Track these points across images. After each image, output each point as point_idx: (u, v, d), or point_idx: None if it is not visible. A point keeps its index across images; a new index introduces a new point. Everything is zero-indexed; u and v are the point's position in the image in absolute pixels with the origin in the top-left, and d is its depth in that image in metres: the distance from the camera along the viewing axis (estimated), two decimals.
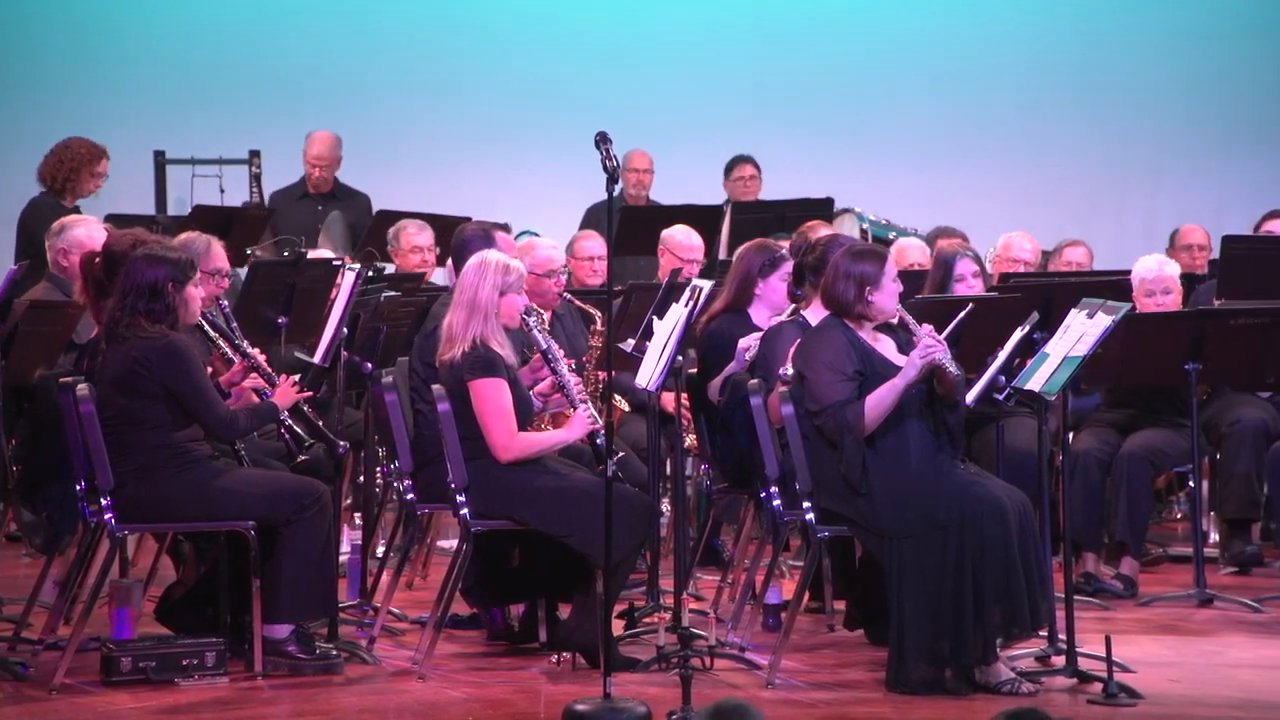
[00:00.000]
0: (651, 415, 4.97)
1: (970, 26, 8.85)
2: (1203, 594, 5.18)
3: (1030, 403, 4.91)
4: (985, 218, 7.61)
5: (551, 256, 5.35)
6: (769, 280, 4.90)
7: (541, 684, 4.32)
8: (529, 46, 8.99)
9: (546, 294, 5.34)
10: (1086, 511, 5.40)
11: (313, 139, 7.72)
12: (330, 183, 7.72)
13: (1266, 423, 5.63)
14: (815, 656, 4.56)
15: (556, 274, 5.32)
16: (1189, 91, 8.67)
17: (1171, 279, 5.54)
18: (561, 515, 4.35)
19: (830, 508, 4.27)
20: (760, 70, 8.93)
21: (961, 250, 5.50)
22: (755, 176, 7.97)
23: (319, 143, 7.70)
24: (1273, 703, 4.04)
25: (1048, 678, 4.19)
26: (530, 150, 8.78)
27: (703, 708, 2.74)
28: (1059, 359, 4.20)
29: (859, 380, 4.22)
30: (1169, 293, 5.51)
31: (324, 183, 7.70)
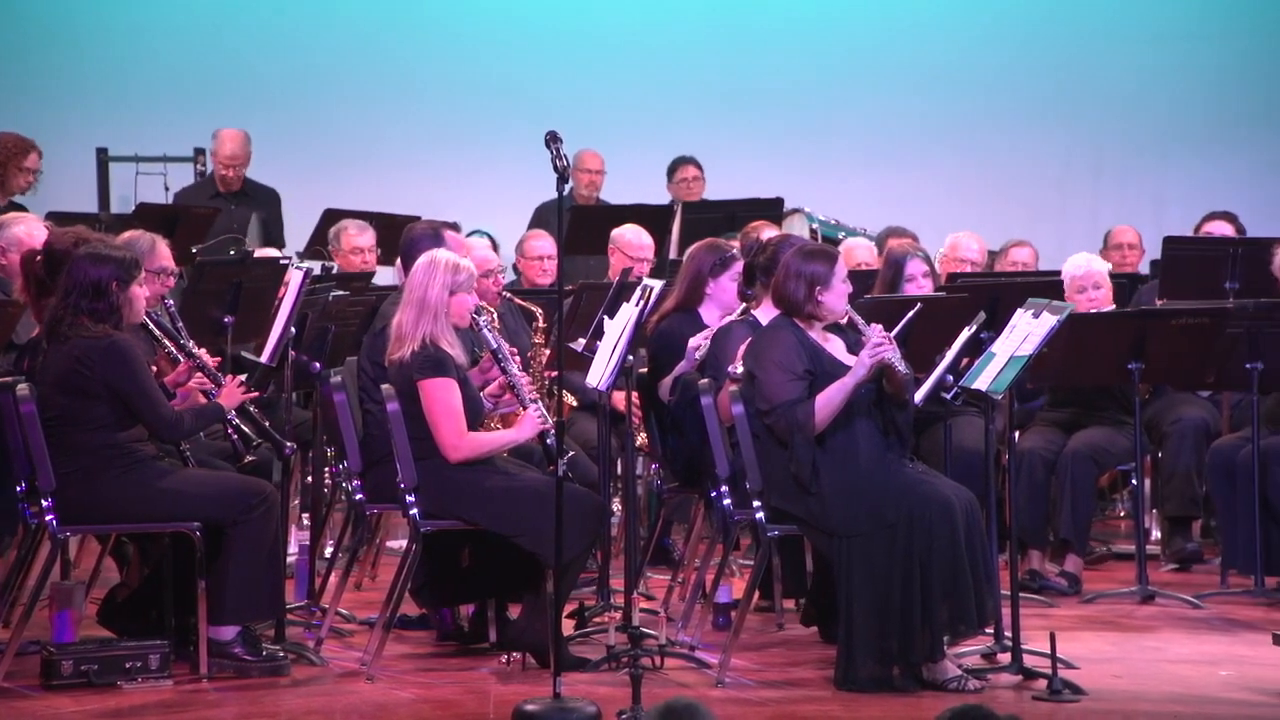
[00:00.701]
0: (602, 414, 4.97)
1: (917, 31, 8.93)
2: (1145, 591, 5.25)
3: (977, 402, 4.96)
4: (932, 218, 7.68)
5: (488, 256, 5.35)
6: (719, 280, 4.91)
7: (491, 684, 4.30)
8: (479, 45, 8.95)
9: (485, 293, 5.34)
10: (1032, 509, 5.46)
11: (223, 139, 7.45)
12: (240, 181, 7.52)
13: (1207, 421, 5.72)
14: (765, 655, 4.58)
15: (494, 273, 5.32)
16: (1130, 96, 8.79)
17: (1100, 274, 5.62)
18: (512, 515, 4.34)
19: (780, 507, 4.29)
20: (712, 71, 8.95)
21: (912, 250, 5.55)
22: (699, 178, 7.99)
23: (231, 142, 7.43)
24: (1211, 697, 4.11)
25: (993, 675, 4.23)
26: (480, 149, 8.74)
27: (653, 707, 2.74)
28: (1005, 358, 4.25)
29: (809, 379, 4.24)
30: (1099, 288, 5.59)
31: (235, 181, 7.48)
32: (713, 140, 8.38)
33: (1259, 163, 8.59)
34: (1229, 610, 5.15)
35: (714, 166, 8.09)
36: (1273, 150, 8.64)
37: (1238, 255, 6.14)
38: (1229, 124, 8.71)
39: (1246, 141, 8.67)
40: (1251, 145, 8.65)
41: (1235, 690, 4.17)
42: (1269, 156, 8.62)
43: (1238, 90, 8.69)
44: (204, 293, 5.21)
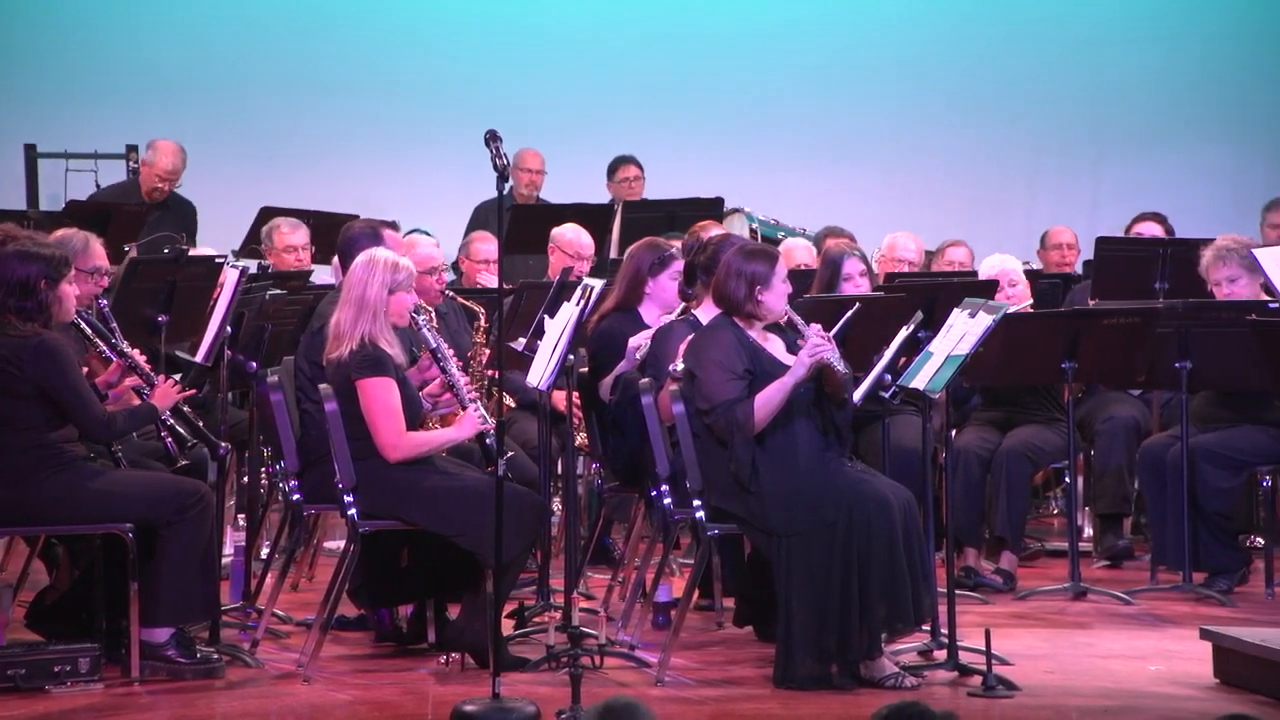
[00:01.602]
0: (542, 414, 4.96)
1: (857, 33, 8.99)
2: (1077, 587, 5.33)
3: (915, 401, 5.01)
4: (870, 218, 7.75)
5: (432, 254, 5.32)
6: (659, 279, 4.92)
7: (429, 685, 4.28)
8: (419, 43, 8.90)
9: (428, 291, 5.31)
10: (968, 507, 5.52)
11: (162, 152, 7.21)
12: (167, 194, 7.31)
13: (1137, 420, 5.81)
14: (704, 654, 4.59)
15: (438, 271, 5.29)
16: (1065, 98, 8.92)
17: (1015, 271, 5.72)
18: (451, 515, 4.32)
19: (720, 506, 4.30)
20: (652, 71, 8.96)
21: (849, 250, 5.59)
22: (639, 177, 8.00)
23: (171, 157, 7.19)
24: (1140, 691, 4.17)
25: (930, 671, 4.26)
26: (419, 148, 8.69)
27: (592, 706, 2.74)
28: (942, 358, 4.29)
29: (748, 379, 4.26)
30: (1015, 284, 5.68)
31: (163, 194, 7.25)
32: (653, 140, 8.39)
33: (1189, 166, 8.75)
34: (1158, 606, 5.24)
35: (654, 166, 8.10)
36: (1202, 154, 8.81)
37: (1167, 256, 6.24)
38: (1161, 128, 8.86)
39: (1177, 145, 8.83)
40: (1182, 149, 8.81)
41: (1163, 684, 4.24)
42: (1198, 160, 8.78)
43: (1169, 96, 8.85)
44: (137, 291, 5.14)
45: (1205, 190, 8.55)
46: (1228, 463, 5.34)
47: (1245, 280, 5.47)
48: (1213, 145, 8.80)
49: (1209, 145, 8.80)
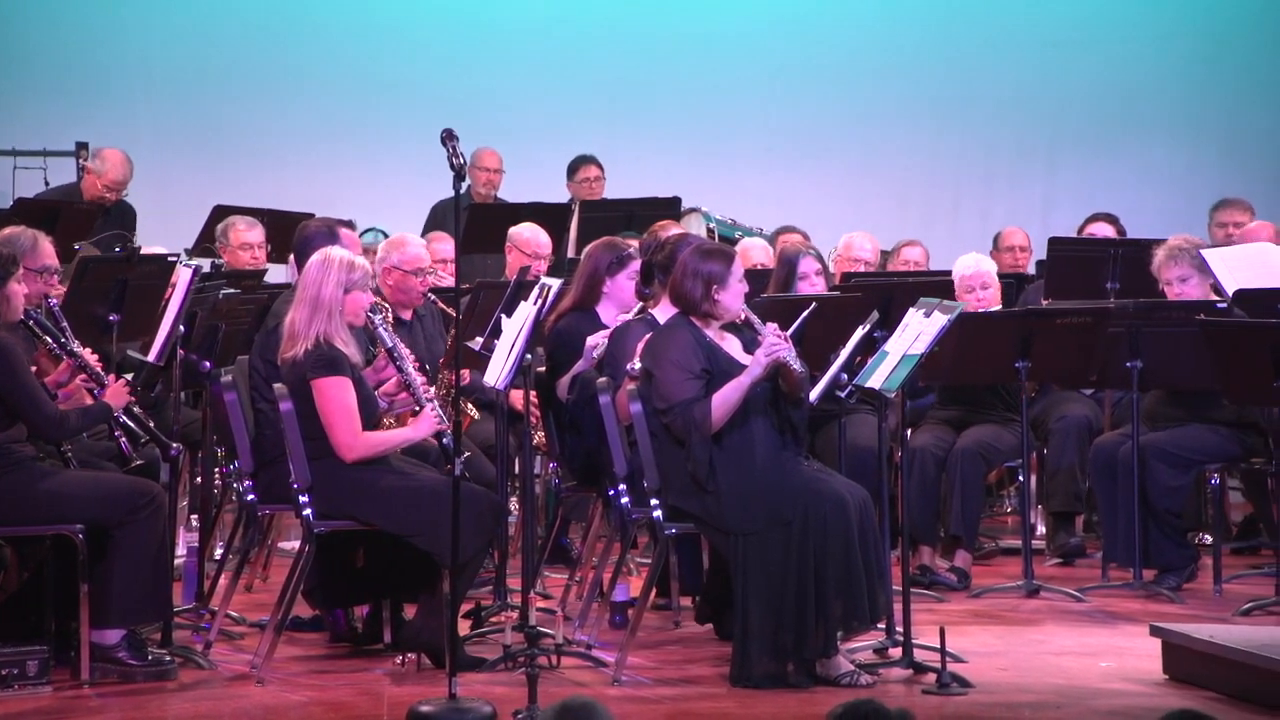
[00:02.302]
0: (500, 414, 4.94)
1: (813, 33, 9.03)
2: (1030, 585, 5.37)
3: (871, 400, 5.04)
4: (827, 218, 7.78)
5: (421, 254, 5.31)
6: (617, 278, 4.92)
7: (385, 685, 4.26)
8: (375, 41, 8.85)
9: (411, 292, 5.30)
10: (923, 506, 5.56)
11: (110, 162, 7.04)
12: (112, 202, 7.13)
13: (1089, 419, 5.87)
14: (661, 653, 4.60)
15: (425, 272, 5.28)
16: (1019, 101, 8.99)
17: (989, 274, 5.76)
18: (407, 515, 4.30)
19: (678, 505, 4.31)
20: (609, 70, 8.96)
21: (804, 249, 5.62)
22: (600, 178, 7.99)
23: (121, 168, 7.02)
24: (1091, 688, 4.20)
25: (885, 669, 4.29)
26: (376, 146, 8.64)
27: (549, 706, 2.74)
28: (898, 357, 4.32)
29: (706, 378, 4.27)
30: (987, 288, 5.73)
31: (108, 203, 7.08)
32: (610, 139, 8.38)
33: (1140, 167, 8.85)
34: (1109, 603, 5.29)
35: (611, 165, 8.10)
36: (1152, 154, 8.91)
37: (1119, 256, 6.31)
38: (1112, 130, 8.96)
39: (1128, 147, 8.92)
40: (1133, 151, 8.90)
41: (1114, 681, 4.28)
42: (1149, 161, 8.88)
43: (1120, 98, 8.94)
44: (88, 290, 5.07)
45: (1156, 191, 8.65)
46: (1177, 461, 5.40)
47: (1196, 280, 5.54)
48: (1163, 147, 8.90)
49: (1159, 147, 8.91)
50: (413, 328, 5.40)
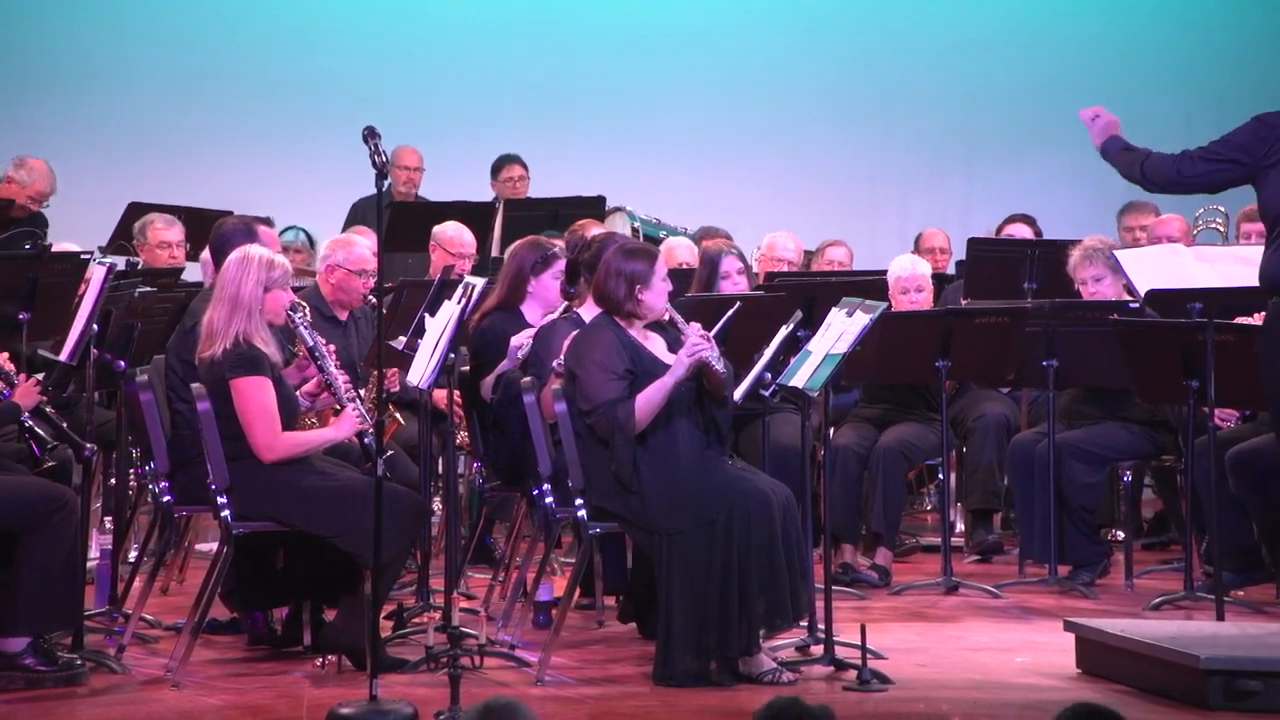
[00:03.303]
0: (423, 413, 4.91)
1: (736, 34, 9.08)
2: (949, 582, 5.45)
3: (794, 399, 5.08)
4: (750, 218, 7.83)
5: (366, 255, 5.27)
6: (541, 278, 4.91)
7: (305, 688, 4.20)
8: (295, 37, 8.74)
9: (353, 292, 5.27)
10: (845, 504, 5.61)
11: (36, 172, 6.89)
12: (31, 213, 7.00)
13: (1007, 417, 5.96)
14: (585, 652, 4.59)
15: (368, 274, 5.24)
16: (937, 102, 9.11)
17: (924, 277, 5.83)
18: (328, 515, 4.25)
19: (602, 505, 4.31)
20: (533, 68, 8.94)
21: (726, 249, 5.65)
22: (524, 177, 7.96)
23: (45, 180, 6.88)
24: (1007, 683, 4.27)
25: (807, 667, 4.32)
26: (296, 143, 8.54)
27: (471, 707, 2.72)
28: (821, 356, 4.35)
29: (630, 378, 4.27)
30: (921, 290, 5.80)
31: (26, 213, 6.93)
32: (534, 137, 8.36)
33: (1054, 168, 9.00)
34: (1025, 599, 5.37)
35: (535, 164, 8.08)
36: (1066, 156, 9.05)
37: (1035, 256, 6.42)
38: (1027, 132, 9.10)
39: (1043, 149, 9.07)
40: (1047, 153, 9.05)
41: (1029, 675, 4.35)
42: (1062, 163, 9.04)
43: (1034, 101, 9.08)
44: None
45: (1069, 193, 8.80)
46: (1092, 459, 5.50)
47: (1109, 280, 5.65)
48: (1076, 150, 9.04)
49: (1072, 150, 9.04)
50: (347, 328, 5.36)
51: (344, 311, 5.35)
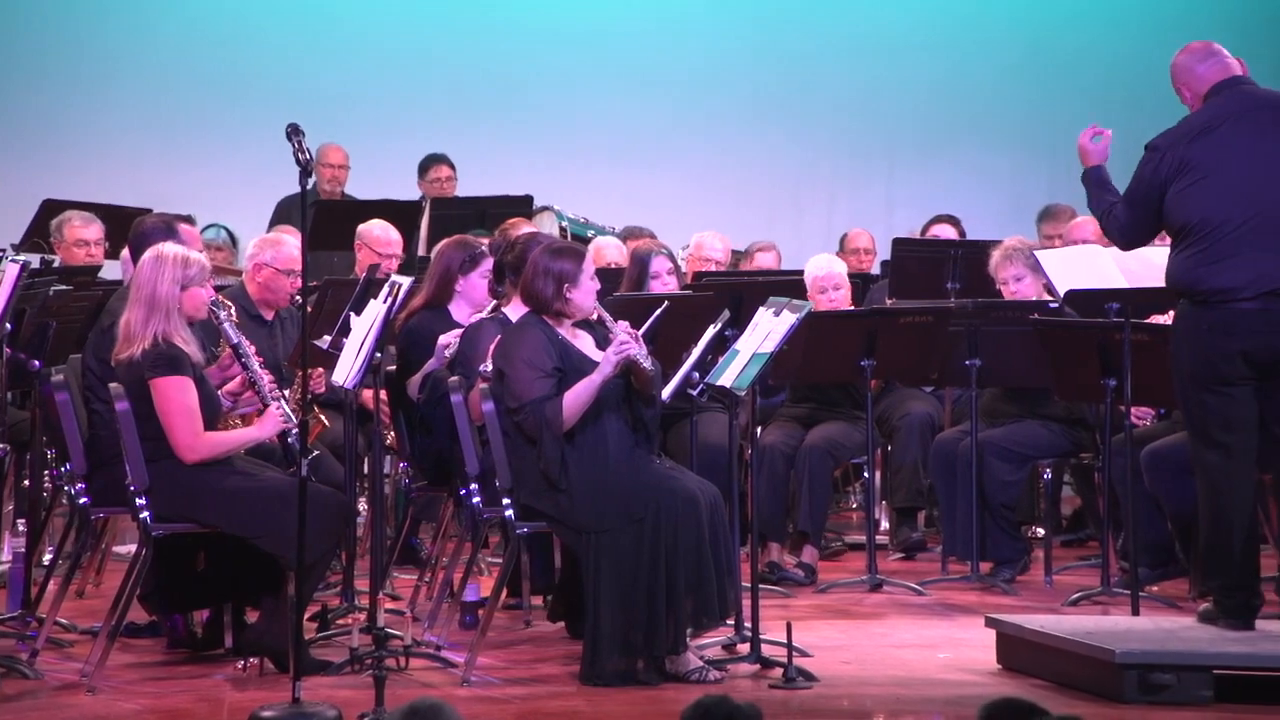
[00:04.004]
0: (349, 413, 4.87)
1: (664, 33, 9.10)
2: (874, 579, 5.49)
3: (722, 398, 5.10)
4: (678, 218, 7.85)
5: (294, 254, 5.20)
6: (469, 277, 4.88)
7: (225, 691, 4.14)
8: (216, 32, 8.61)
9: (280, 292, 5.20)
10: (772, 503, 5.64)
11: None
12: None
13: (931, 416, 6.03)
14: (512, 652, 4.58)
15: (296, 274, 5.18)
16: (861, 103, 9.19)
17: (840, 276, 5.88)
18: (251, 516, 4.20)
19: (530, 504, 4.29)
20: (459, 67, 8.89)
21: (656, 249, 5.66)
22: (451, 177, 7.92)
23: None
24: (930, 679, 4.32)
25: (733, 665, 4.33)
26: (218, 141, 8.41)
27: (396, 709, 2.70)
28: (748, 355, 4.37)
29: (558, 377, 4.26)
30: (839, 289, 5.85)
31: None
32: (461, 136, 8.31)
33: (976, 169, 9.12)
34: (948, 596, 5.44)
35: (462, 163, 8.03)
36: (986, 158, 9.19)
37: (959, 256, 6.50)
38: (948, 134, 9.21)
39: (964, 150, 9.18)
40: (969, 153, 9.17)
41: (951, 671, 4.40)
42: (983, 165, 9.16)
43: (955, 102, 9.19)
44: None
45: (991, 194, 8.92)
46: (1012, 456, 5.58)
47: (1030, 280, 5.73)
48: (997, 151, 9.19)
49: (994, 151, 9.19)
50: (273, 328, 5.29)
51: (270, 311, 5.29)
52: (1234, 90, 4.20)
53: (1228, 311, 4.10)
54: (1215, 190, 4.13)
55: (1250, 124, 4.15)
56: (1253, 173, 4.12)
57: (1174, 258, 4.22)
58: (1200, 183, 4.14)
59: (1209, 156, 4.14)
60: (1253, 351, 4.09)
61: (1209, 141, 4.15)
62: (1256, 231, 4.09)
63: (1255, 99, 4.19)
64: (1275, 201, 4.10)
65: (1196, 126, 4.20)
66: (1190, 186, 4.15)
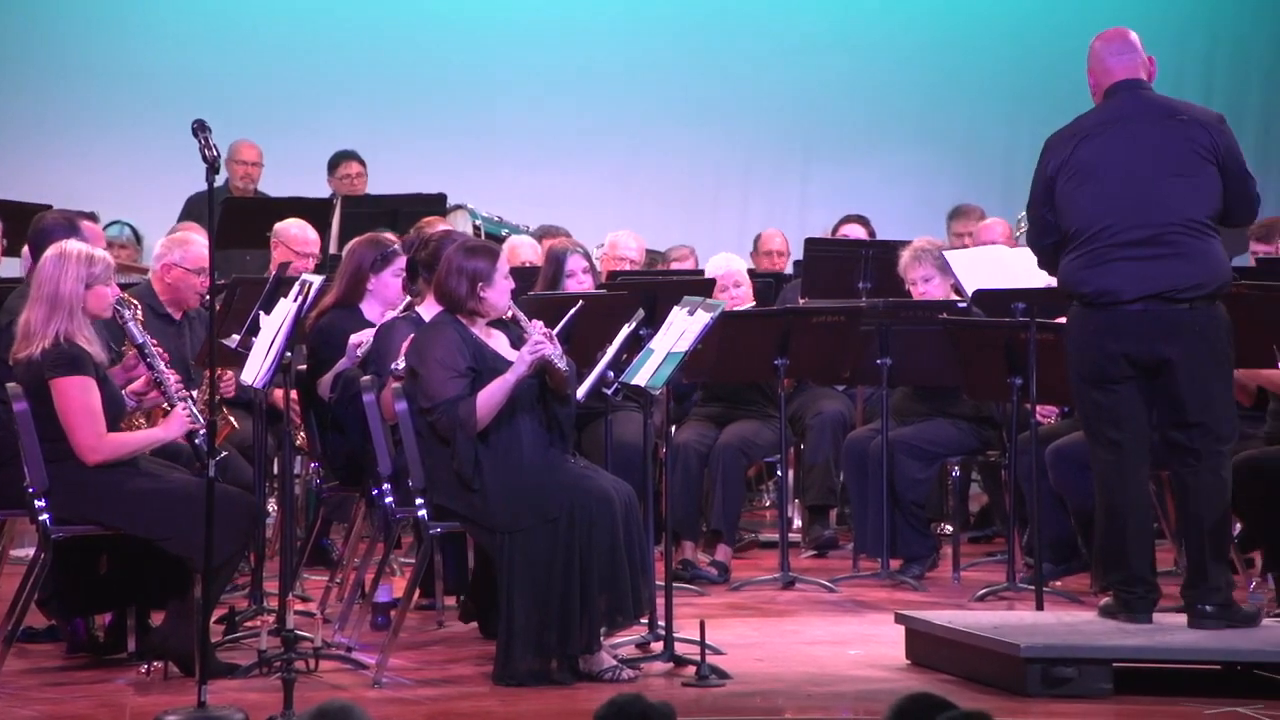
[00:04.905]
0: (258, 413, 4.79)
1: (577, 31, 9.08)
2: (786, 577, 5.54)
3: (637, 397, 5.10)
4: (592, 217, 7.84)
5: (203, 254, 5.10)
6: (381, 275, 4.83)
7: (128, 696, 4.06)
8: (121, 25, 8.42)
9: (189, 291, 5.11)
10: (686, 501, 5.66)
11: None
12: None
13: (843, 414, 6.09)
14: (425, 653, 4.54)
15: (206, 272, 5.08)
16: (775, 104, 9.26)
17: (739, 273, 5.93)
18: (156, 518, 4.12)
19: (443, 504, 4.26)
20: (371, 63, 8.79)
21: (572, 248, 5.65)
22: (361, 174, 7.83)
23: None
24: (840, 675, 4.36)
25: (647, 663, 4.34)
26: (123, 136, 8.24)
27: (304, 711, 2.66)
28: (663, 354, 4.38)
29: (471, 376, 4.24)
30: (739, 286, 5.90)
31: None
32: (374, 134, 8.23)
33: (887, 170, 9.23)
34: (859, 592, 5.50)
35: (375, 161, 7.95)
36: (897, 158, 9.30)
37: (869, 257, 6.58)
38: (861, 134, 9.31)
39: (875, 150, 9.30)
40: (880, 154, 9.28)
41: (862, 667, 4.45)
42: (894, 165, 9.27)
43: (867, 103, 9.29)
44: None
45: (902, 194, 9.04)
46: (922, 455, 5.66)
47: (938, 280, 5.82)
48: (908, 152, 9.32)
49: (905, 152, 9.32)
50: (181, 327, 5.20)
51: (178, 310, 5.20)
52: (1131, 94, 4.27)
53: (1113, 314, 4.18)
54: (1099, 194, 4.20)
55: (1136, 130, 4.21)
56: (1134, 179, 4.18)
57: (1063, 261, 4.31)
58: (1084, 185, 4.21)
59: (1094, 159, 4.21)
60: (1135, 354, 4.18)
61: (1095, 144, 4.21)
62: (1137, 237, 4.15)
63: (1147, 105, 4.25)
64: (1155, 208, 4.17)
65: (1086, 127, 4.27)
66: (1076, 189, 4.22)
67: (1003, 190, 8.79)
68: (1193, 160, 4.16)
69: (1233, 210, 4.24)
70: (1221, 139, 4.20)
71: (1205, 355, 4.17)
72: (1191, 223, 4.16)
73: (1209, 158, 4.17)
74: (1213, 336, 4.18)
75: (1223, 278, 4.21)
